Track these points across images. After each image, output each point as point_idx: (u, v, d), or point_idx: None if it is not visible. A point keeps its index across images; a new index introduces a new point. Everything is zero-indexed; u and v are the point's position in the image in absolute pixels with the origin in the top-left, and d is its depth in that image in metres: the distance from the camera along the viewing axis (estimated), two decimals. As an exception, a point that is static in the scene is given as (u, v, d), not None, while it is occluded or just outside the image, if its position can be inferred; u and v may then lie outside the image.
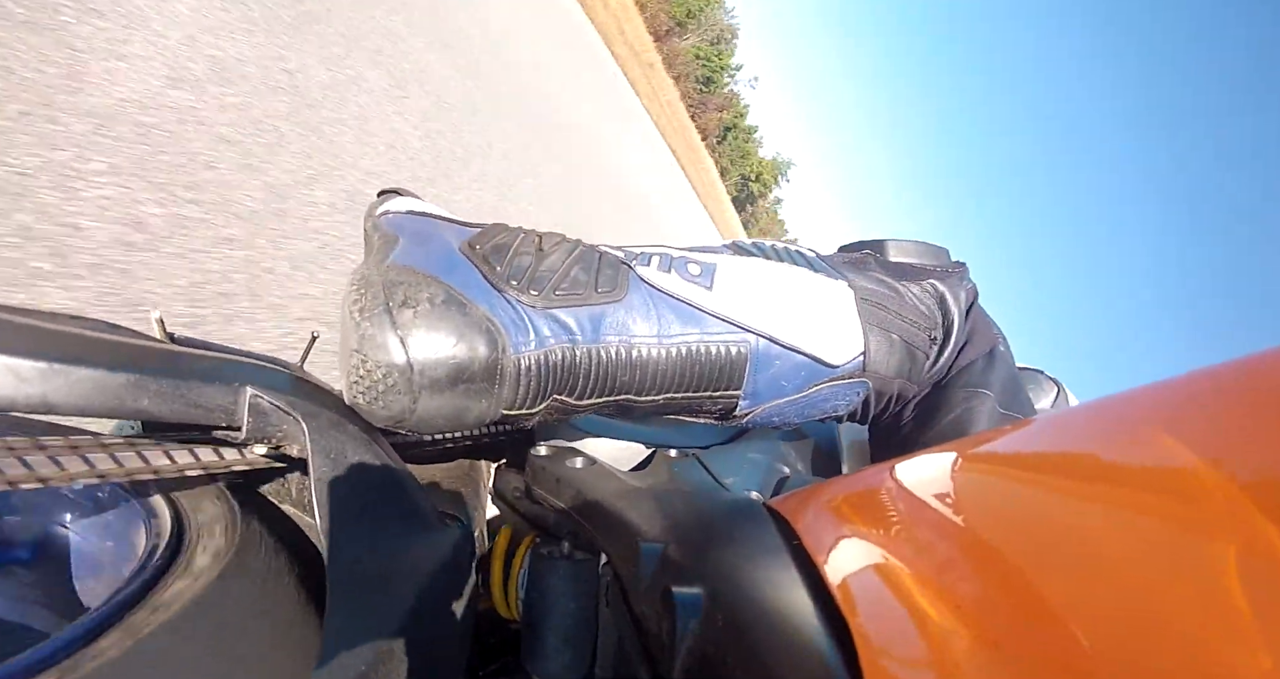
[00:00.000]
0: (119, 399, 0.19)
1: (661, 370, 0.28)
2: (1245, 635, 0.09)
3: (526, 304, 0.26)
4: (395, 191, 0.34)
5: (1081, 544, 0.13)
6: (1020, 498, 0.16)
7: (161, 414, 0.19)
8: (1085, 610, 0.12)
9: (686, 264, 0.30)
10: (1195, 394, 0.14)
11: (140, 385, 0.19)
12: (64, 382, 0.18)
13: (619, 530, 0.26)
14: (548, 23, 7.50)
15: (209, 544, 0.20)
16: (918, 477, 0.20)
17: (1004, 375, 0.33)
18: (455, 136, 2.25)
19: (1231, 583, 0.10)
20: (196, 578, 0.19)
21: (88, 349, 0.19)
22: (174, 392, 0.19)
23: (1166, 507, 0.12)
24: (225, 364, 0.22)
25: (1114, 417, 0.16)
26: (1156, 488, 0.13)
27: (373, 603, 0.19)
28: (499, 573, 0.33)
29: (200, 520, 0.21)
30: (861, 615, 0.16)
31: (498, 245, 0.28)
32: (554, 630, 0.28)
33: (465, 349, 0.23)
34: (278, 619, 0.19)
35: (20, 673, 0.14)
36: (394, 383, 0.22)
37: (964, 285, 0.34)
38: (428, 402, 0.23)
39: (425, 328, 0.23)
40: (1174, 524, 0.12)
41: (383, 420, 0.23)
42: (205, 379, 0.20)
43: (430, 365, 0.23)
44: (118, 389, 0.18)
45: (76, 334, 0.20)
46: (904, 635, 0.15)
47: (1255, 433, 0.12)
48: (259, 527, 0.22)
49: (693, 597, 0.19)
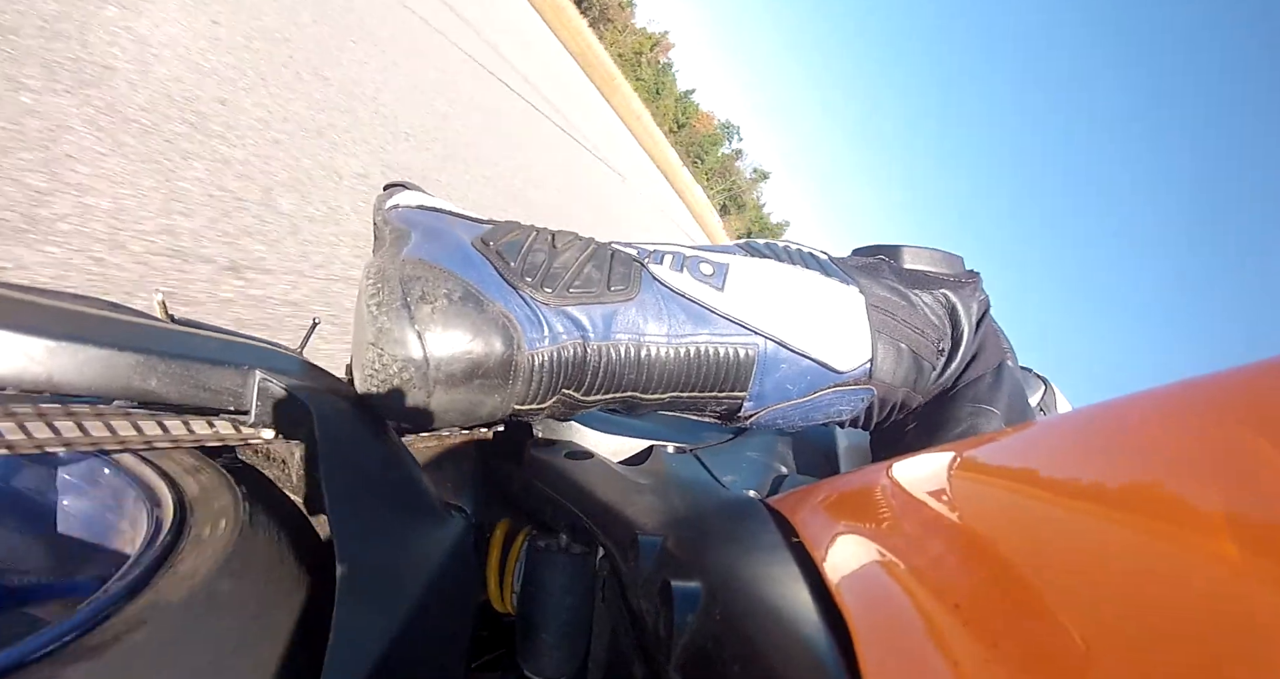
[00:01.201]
0: (126, 379, 0.18)
1: (670, 369, 0.28)
2: (1245, 635, 0.09)
3: (541, 301, 0.26)
4: (402, 185, 0.34)
5: (1078, 544, 0.13)
6: (1018, 498, 0.16)
7: (169, 395, 0.19)
8: (1082, 609, 0.12)
9: (699, 264, 0.30)
10: (1195, 402, 0.15)
11: (148, 366, 0.19)
12: (71, 360, 0.18)
13: (617, 524, 0.26)
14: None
15: (212, 528, 0.20)
16: (916, 476, 0.20)
17: (1011, 393, 0.33)
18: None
19: (1228, 583, 0.10)
20: (199, 563, 0.19)
21: (95, 328, 0.19)
22: (182, 373, 0.19)
23: (1163, 509, 0.12)
24: (234, 346, 0.22)
25: (1113, 421, 0.16)
26: (1152, 491, 0.13)
27: (381, 592, 0.19)
28: (495, 566, 0.33)
29: (203, 504, 0.21)
30: (859, 612, 0.16)
31: (511, 242, 0.28)
32: (549, 624, 0.28)
33: (482, 345, 0.23)
34: (280, 605, 0.19)
35: (32, 653, 0.14)
36: (410, 377, 0.23)
37: (976, 296, 0.34)
38: (442, 396, 0.23)
39: (443, 324, 0.23)
40: (1169, 525, 0.12)
41: (397, 414, 0.24)
42: (214, 361, 0.20)
43: (447, 361, 0.23)
44: (125, 369, 0.18)
45: (82, 312, 0.20)
46: (902, 632, 0.15)
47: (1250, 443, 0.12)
48: (262, 511, 0.22)
49: (691, 590, 0.19)
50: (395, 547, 0.21)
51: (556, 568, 0.29)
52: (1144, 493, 0.13)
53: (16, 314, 0.18)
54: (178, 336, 0.21)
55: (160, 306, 0.32)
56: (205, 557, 0.19)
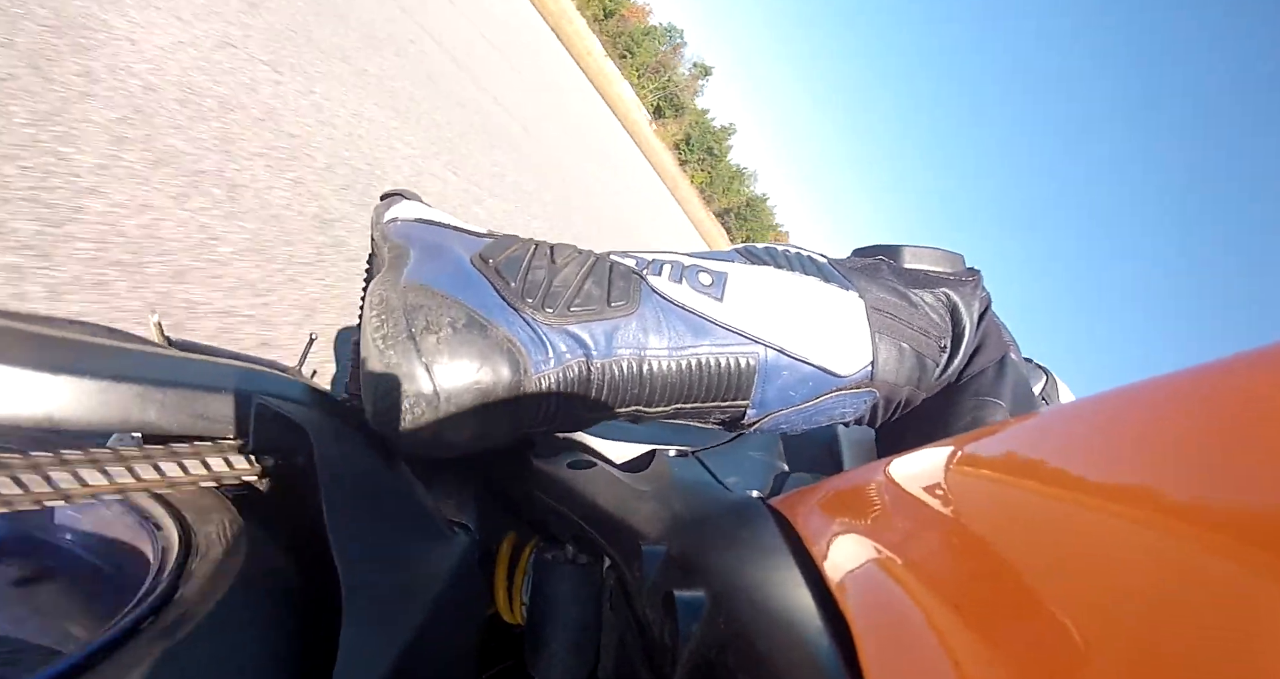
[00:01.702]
0: (125, 412, 0.19)
1: (672, 382, 0.28)
2: (1249, 634, 0.09)
3: (543, 321, 0.26)
4: (400, 194, 0.34)
5: (1081, 541, 0.13)
6: (1019, 493, 0.16)
7: (168, 426, 0.19)
8: (1086, 608, 0.12)
9: (698, 273, 0.30)
10: (1195, 391, 0.14)
11: (146, 396, 0.19)
12: (69, 396, 0.18)
13: (621, 533, 0.26)
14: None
15: (215, 556, 0.20)
16: (917, 473, 0.20)
17: (1015, 384, 0.33)
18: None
19: (1233, 580, 0.10)
20: (204, 591, 0.19)
21: (92, 359, 0.19)
22: (180, 401, 0.19)
23: (1167, 503, 0.12)
24: (231, 372, 0.22)
25: (1116, 412, 0.16)
26: (1156, 484, 0.13)
27: (387, 614, 0.19)
28: (503, 578, 0.33)
29: (205, 532, 0.21)
30: (862, 616, 0.16)
31: (510, 259, 0.28)
32: (558, 634, 0.28)
33: (489, 373, 0.24)
34: (285, 631, 0.19)
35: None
36: (421, 411, 0.23)
37: (977, 294, 0.34)
38: (454, 427, 0.23)
39: (449, 354, 0.23)
40: (1174, 520, 0.12)
41: (407, 444, 0.24)
42: (212, 388, 0.20)
43: (456, 392, 0.23)
44: (123, 401, 0.18)
45: (78, 340, 0.20)
46: (906, 636, 0.15)
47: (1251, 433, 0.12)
48: (264, 538, 0.22)
49: (695, 599, 0.19)
50: (398, 568, 0.21)
51: (564, 579, 0.29)
52: (1148, 486, 0.13)
53: (13, 348, 0.18)
54: (175, 363, 0.21)
55: (156, 329, 0.32)
56: (210, 583, 0.19)
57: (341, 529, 0.19)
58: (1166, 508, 0.12)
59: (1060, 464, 0.16)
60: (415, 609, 0.20)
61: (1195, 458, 0.12)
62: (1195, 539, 0.11)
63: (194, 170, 1.05)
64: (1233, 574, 0.10)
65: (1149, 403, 0.15)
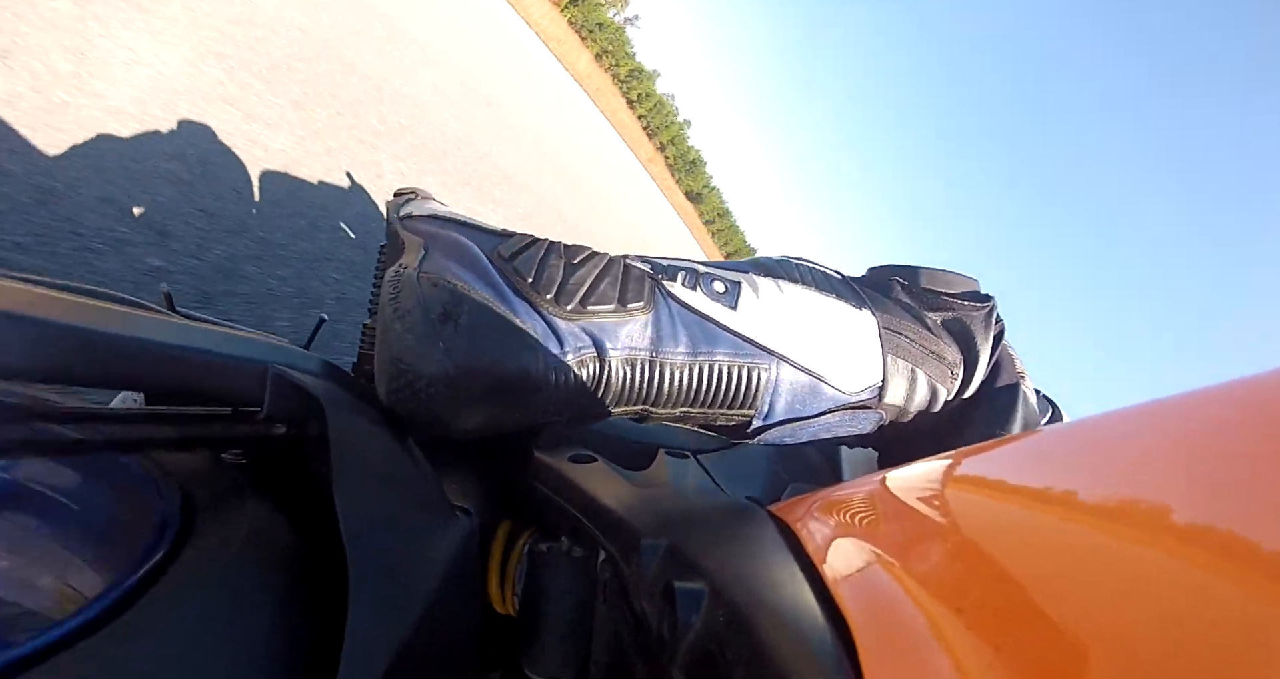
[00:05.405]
0: (139, 372, 0.19)
1: (681, 385, 0.28)
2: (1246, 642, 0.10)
3: (558, 316, 0.26)
4: (413, 192, 0.35)
5: (1080, 550, 0.13)
6: (1019, 505, 0.16)
7: (182, 389, 0.19)
8: (1086, 614, 0.12)
9: (712, 282, 0.30)
10: (1195, 413, 0.15)
11: (161, 359, 0.19)
12: (85, 353, 0.18)
13: (620, 528, 0.26)
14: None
15: (218, 524, 0.20)
16: (917, 483, 0.20)
17: (1025, 415, 0.33)
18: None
19: (1231, 590, 0.10)
20: (206, 560, 0.19)
21: (109, 320, 0.19)
22: (195, 367, 0.19)
23: (1163, 517, 0.13)
24: (246, 341, 0.22)
25: (1113, 431, 0.16)
26: (1152, 500, 0.13)
27: (394, 593, 0.19)
28: (496, 567, 0.33)
29: (211, 499, 0.21)
30: (862, 616, 0.16)
31: (527, 256, 0.28)
32: (550, 627, 0.28)
33: (505, 361, 0.24)
34: (287, 601, 0.19)
35: (37, 655, 0.14)
36: (435, 394, 0.23)
37: (991, 320, 0.34)
38: (466, 411, 0.24)
39: (468, 340, 0.24)
40: (1169, 534, 0.12)
41: (421, 427, 0.24)
42: (228, 355, 0.20)
43: (472, 378, 0.23)
44: (139, 362, 0.18)
45: (95, 305, 0.20)
46: (905, 636, 0.15)
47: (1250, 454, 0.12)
48: (269, 507, 0.22)
49: (695, 591, 0.19)
50: (407, 544, 0.21)
51: (558, 571, 0.29)
52: (1144, 501, 0.13)
53: (33, 305, 0.18)
54: (191, 331, 0.21)
55: (165, 299, 0.32)
56: (214, 553, 0.19)
57: (351, 502, 0.19)
58: (1162, 523, 0.12)
59: (1058, 478, 0.16)
60: (421, 591, 0.20)
61: (1193, 476, 0.13)
62: (1193, 554, 0.11)
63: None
64: (1231, 587, 0.10)
65: (1146, 424, 0.16)
